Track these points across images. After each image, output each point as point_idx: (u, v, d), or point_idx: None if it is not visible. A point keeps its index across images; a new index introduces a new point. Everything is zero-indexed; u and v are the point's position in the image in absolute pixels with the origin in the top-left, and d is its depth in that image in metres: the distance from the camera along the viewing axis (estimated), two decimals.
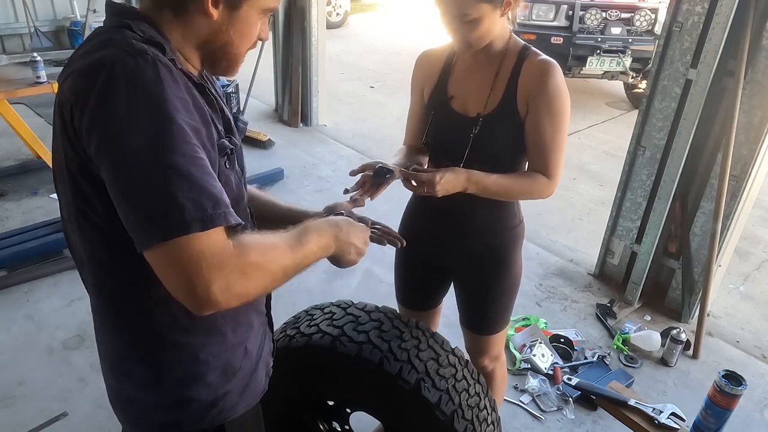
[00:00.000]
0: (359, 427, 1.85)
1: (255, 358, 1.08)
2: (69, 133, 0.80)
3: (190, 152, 0.77)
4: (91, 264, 0.92)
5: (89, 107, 0.76)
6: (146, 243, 0.76)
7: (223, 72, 0.97)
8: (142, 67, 0.76)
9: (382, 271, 3.09)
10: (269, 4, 0.91)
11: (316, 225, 0.97)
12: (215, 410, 1.01)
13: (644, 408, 1.56)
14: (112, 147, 0.76)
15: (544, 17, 5.95)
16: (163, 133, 0.75)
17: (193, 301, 0.77)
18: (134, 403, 1.02)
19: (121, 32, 0.82)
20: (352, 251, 1.04)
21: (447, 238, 1.64)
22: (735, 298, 3.24)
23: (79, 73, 0.79)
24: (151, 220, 0.75)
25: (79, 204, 0.85)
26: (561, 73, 1.42)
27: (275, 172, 4.30)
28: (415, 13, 11.08)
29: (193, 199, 0.75)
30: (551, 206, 3.97)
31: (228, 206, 0.79)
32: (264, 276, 0.83)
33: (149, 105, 0.76)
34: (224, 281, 0.77)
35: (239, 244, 0.80)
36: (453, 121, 1.51)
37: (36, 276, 2.96)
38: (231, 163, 0.94)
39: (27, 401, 2.26)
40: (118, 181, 0.76)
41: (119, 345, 0.99)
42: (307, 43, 5.02)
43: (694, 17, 2.57)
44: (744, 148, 2.60)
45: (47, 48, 6.51)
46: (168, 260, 0.76)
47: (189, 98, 0.81)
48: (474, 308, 1.74)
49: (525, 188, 1.48)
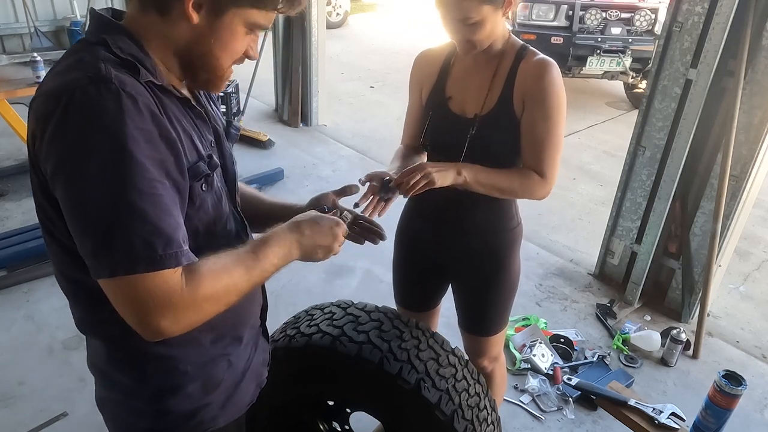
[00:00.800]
0: (359, 427, 1.85)
1: (241, 370, 1.07)
2: (31, 155, 0.81)
3: (146, 189, 0.75)
4: (65, 280, 0.93)
5: (47, 135, 0.75)
6: (96, 273, 0.77)
7: (204, 85, 0.93)
8: (104, 98, 0.74)
9: (382, 271, 3.09)
10: (256, 19, 0.86)
11: (275, 235, 0.96)
12: (194, 421, 1.01)
13: (644, 408, 1.56)
14: (65, 177, 0.75)
15: (544, 17, 5.94)
16: (119, 167, 0.73)
17: (143, 332, 0.79)
18: (116, 406, 1.03)
19: (94, 51, 0.80)
20: (319, 252, 1.02)
21: (445, 238, 1.64)
22: (735, 298, 3.24)
23: (43, 97, 0.78)
24: (99, 255, 0.75)
25: (44, 222, 0.86)
26: (558, 71, 1.41)
27: (275, 172, 4.30)
28: (415, 13, 11.07)
29: (144, 238, 0.74)
30: (551, 206, 3.98)
31: (182, 245, 0.79)
32: (216, 304, 0.84)
33: (106, 138, 0.73)
34: (173, 317, 0.78)
35: (192, 277, 0.80)
36: (450, 122, 1.51)
37: (36, 276, 2.96)
38: (209, 185, 0.91)
39: (27, 401, 2.26)
40: (70, 211, 0.76)
41: (101, 355, 0.99)
42: (307, 43, 5.02)
43: (694, 17, 2.57)
44: (744, 148, 2.60)
45: (47, 48, 6.50)
46: (118, 294, 0.77)
47: (155, 128, 0.78)
48: (472, 310, 1.74)
49: (517, 184, 1.45)
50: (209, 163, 0.90)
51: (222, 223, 0.98)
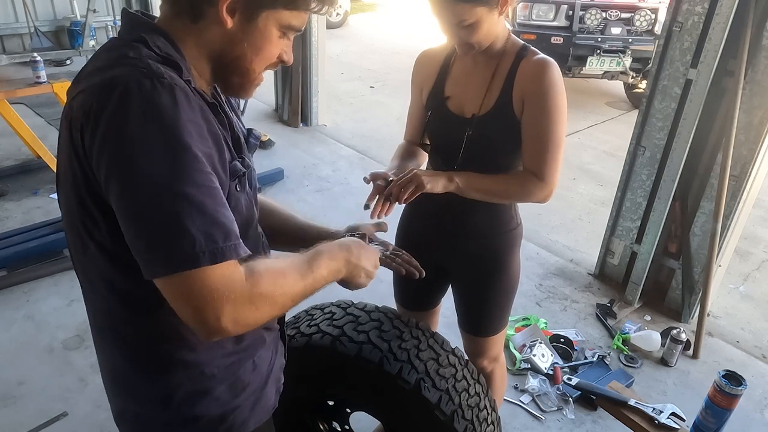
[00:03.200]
0: (359, 427, 1.85)
1: (265, 373, 1.06)
2: (78, 152, 0.77)
3: (204, 182, 0.75)
4: (96, 281, 0.89)
5: (100, 129, 0.73)
6: (153, 272, 0.74)
7: (236, 91, 0.93)
8: (159, 92, 0.73)
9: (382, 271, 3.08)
10: (291, 21, 0.85)
11: (327, 249, 0.96)
12: (225, 425, 0.99)
13: (644, 408, 1.56)
14: (122, 172, 0.73)
15: (544, 17, 5.95)
16: (178, 161, 0.73)
17: (202, 330, 0.77)
18: (141, 421, 1.00)
19: (137, 49, 0.79)
20: (362, 275, 1.03)
21: (445, 238, 1.64)
22: (735, 298, 3.24)
23: (90, 91, 0.76)
24: (158, 251, 0.73)
25: (85, 222, 0.83)
26: (558, 71, 1.40)
27: (275, 172, 4.29)
28: (415, 13, 11.08)
29: (204, 231, 0.73)
30: (551, 206, 3.96)
31: (238, 237, 0.78)
32: (273, 306, 0.82)
33: (164, 132, 0.73)
34: (233, 313, 0.76)
35: (251, 274, 0.79)
36: (449, 122, 1.50)
37: (36, 276, 2.96)
38: (242, 186, 0.91)
39: (27, 401, 2.26)
40: (126, 208, 0.74)
41: (122, 363, 0.96)
42: (307, 43, 5.02)
43: (694, 17, 2.57)
44: (744, 148, 2.60)
45: (47, 48, 6.51)
46: (178, 291, 0.75)
47: (204, 123, 0.78)
48: (472, 310, 1.74)
49: (513, 189, 1.45)
50: (242, 163, 0.90)
51: (254, 225, 0.98)
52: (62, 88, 3.76)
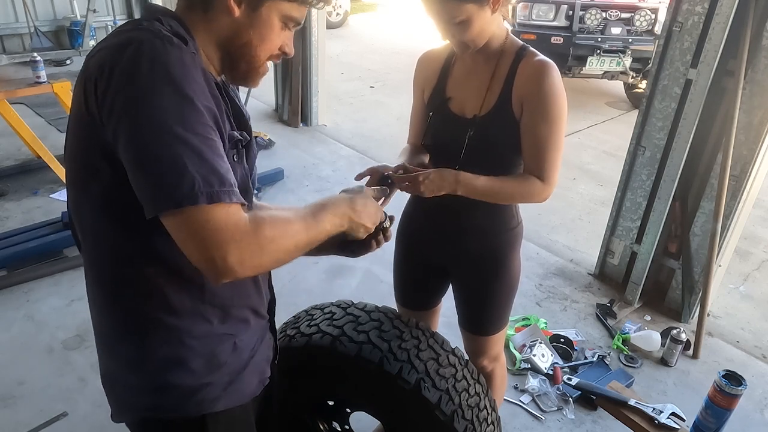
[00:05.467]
0: (359, 427, 1.85)
1: (246, 358, 1.08)
2: (90, 102, 0.83)
3: (203, 132, 0.81)
4: (90, 233, 0.95)
5: (114, 77, 0.80)
6: (155, 207, 0.80)
7: (243, 77, 0.99)
8: (168, 50, 0.81)
9: (382, 271, 3.09)
10: (290, 12, 0.94)
11: (333, 204, 1.01)
12: (195, 399, 1.01)
13: (644, 408, 1.56)
14: (131, 115, 0.79)
15: (544, 17, 5.95)
16: (182, 109, 0.80)
17: (210, 268, 0.81)
18: (119, 383, 1.04)
19: (151, 22, 0.88)
20: (361, 230, 1.08)
21: (445, 237, 1.64)
22: (735, 298, 3.24)
23: (107, 49, 0.84)
24: (160, 187, 0.79)
25: (85, 173, 0.89)
26: (558, 73, 1.40)
27: (275, 172, 4.29)
28: (415, 13, 11.07)
29: (202, 174, 0.79)
30: (551, 206, 3.97)
31: (233, 186, 0.83)
32: (278, 249, 0.87)
33: (171, 83, 0.80)
34: (239, 253, 0.80)
35: (254, 219, 0.84)
36: (450, 122, 1.51)
37: (36, 276, 2.96)
38: (239, 157, 0.97)
39: (27, 401, 2.26)
40: (134, 148, 0.80)
41: (107, 320, 1.01)
42: (307, 43, 5.02)
43: (694, 17, 2.57)
44: (744, 148, 2.60)
45: (47, 48, 6.51)
46: (182, 228, 0.80)
47: (206, 84, 0.85)
48: (472, 309, 1.74)
49: (517, 191, 1.46)
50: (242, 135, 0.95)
51: (249, 197, 1.02)
52: (62, 88, 3.76)
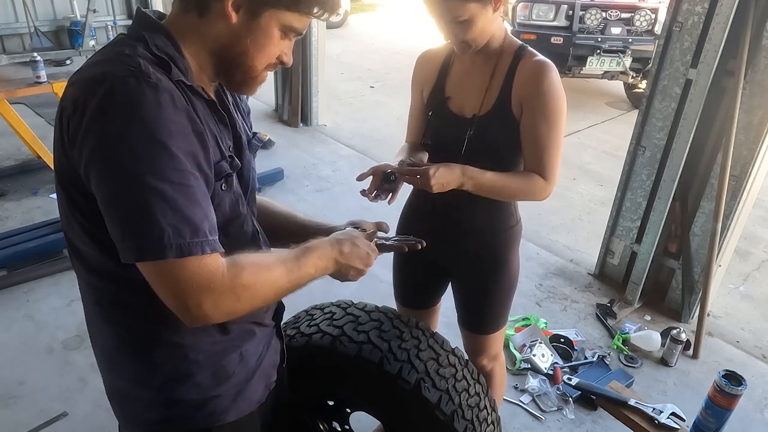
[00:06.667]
0: (359, 427, 1.84)
1: (253, 366, 1.08)
2: (64, 138, 0.82)
3: (177, 179, 0.78)
4: (83, 256, 0.93)
5: (85, 119, 0.77)
6: (125, 257, 0.80)
7: (238, 86, 0.96)
8: (143, 90, 0.77)
9: (382, 271, 3.07)
10: (291, 22, 0.89)
11: (318, 246, 0.99)
12: (204, 412, 1.01)
13: (644, 408, 1.56)
14: (101, 162, 0.77)
15: (544, 17, 5.95)
16: (153, 156, 0.77)
17: (185, 315, 0.82)
18: (127, 398, 1.03)
19: (133, 47, 0.83)
20: (351, 273, 1.07)
21: (444, 237, 1.64)
22: (735, 298, 3.24)
23: (82, 83, 0.81)
24: (130, 238, 0.78)
25: (69, 207, 0.88)
26: (556, 73, 1.41)
27: (275, 172, 4.29)
28: (415, 13, 11.08)
29: (173, 225, 0.77)
30: (551, 206, 3.97)
31: (209, 234, 0.82)
32: (254, 297, 0.87)
33: (143, 128, 0.76)
34: (214, 301, 0.81)
35: (233, 265, 0.84)
36: (450, 122, 1.51)
37: (36, 276, 2.96)
38: (228, 185, 0.94)
39: (27, 401, 2.26)
40: (103, 195, 0.79)
41: (110, 339, 1.00)
42: (307, 43, 5.02)
43: (694, 17, 2.57)
44: (744, 148, 2.60)
45: (47, 48, 6.51)
46: (155, 277, 0.80)
47: (188, 123, 0.81)
48: (472, 308, 1.74)
49: (521, 188, 1.47)
50: (231, 164, 0.93)
51: (238, 223, 1.00)
52: (62, 88, 3.74)
